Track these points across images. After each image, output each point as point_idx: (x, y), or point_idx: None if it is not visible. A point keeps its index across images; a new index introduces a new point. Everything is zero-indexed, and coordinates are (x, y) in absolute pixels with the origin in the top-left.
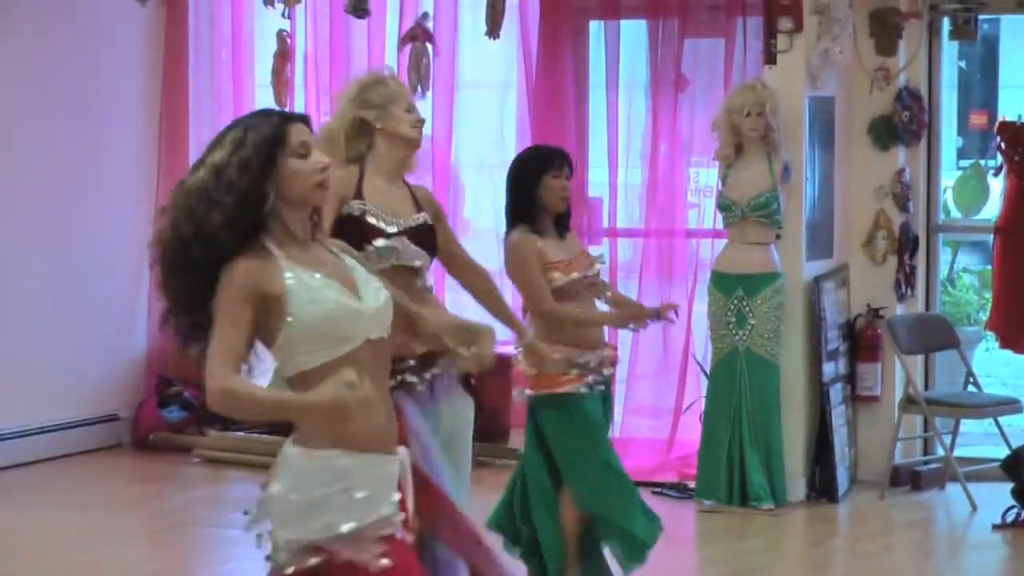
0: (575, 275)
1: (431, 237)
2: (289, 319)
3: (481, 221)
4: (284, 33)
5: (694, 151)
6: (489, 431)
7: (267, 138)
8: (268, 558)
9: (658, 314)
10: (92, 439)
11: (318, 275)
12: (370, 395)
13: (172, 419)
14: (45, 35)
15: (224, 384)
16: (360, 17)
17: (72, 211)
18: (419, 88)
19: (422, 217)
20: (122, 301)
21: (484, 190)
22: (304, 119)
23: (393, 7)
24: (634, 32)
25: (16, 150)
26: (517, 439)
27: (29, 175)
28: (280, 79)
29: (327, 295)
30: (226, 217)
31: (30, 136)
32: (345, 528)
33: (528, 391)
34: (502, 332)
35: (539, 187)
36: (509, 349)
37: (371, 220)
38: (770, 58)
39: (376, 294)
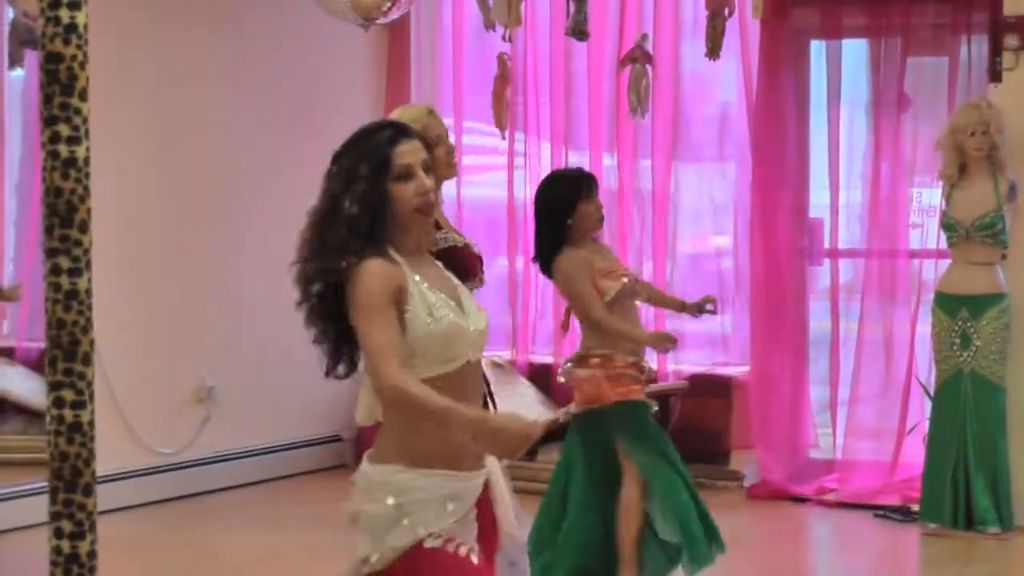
0: (624, 281)
1: (454, 254)
2: (405, 330)
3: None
4: (505, 56)
5: (917, 171)
6: (710, 453)
7: (375, 166)
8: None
9: (699, 308)
10: (316, 459)
11: (436, 290)
12: (534, 437)
13: None
14: (271, 59)
15: (398, 382)
16: (580, 39)
17: (295, 235)
18: (638, 110)
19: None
20: None
21: (704, 210)
22: (413, 135)
23: (613, 29)
24: (856, 51)
25: (240, 175)
26: (738, 460)
27: (254, 200)
28: (501, 101)
29: (443, 313)
30: (342, 242)
31: (253, 160)
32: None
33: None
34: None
35: (575, 215)
36: (729, 371)
37: None
38: (995, 76)
39: (479, 316)
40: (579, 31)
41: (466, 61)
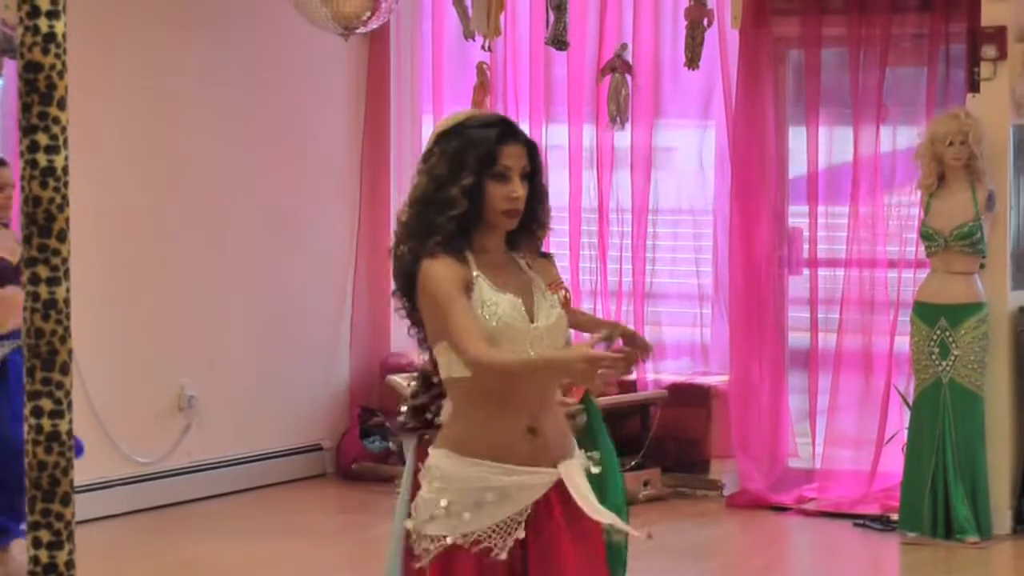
0: None
1: None
2: None
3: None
4: (484, 65)
5: (896, 180)
6: (689, 462)
7: (480, 159)
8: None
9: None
10: (296, 469)
11: (497, 287)
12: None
13: (374, 449)
14: (252, 69)
15: (483, 357)
16: (560, 49)
17: (277, 242)
18: (618, 119)
19: None
20: (325, 332)
21: (683, 219)
22: (521, 139)
23: (592, 39)
24: (835, 61)
25: (221, 184)
26: (718, 469)
27: (235, 209)
28: (480, 111)
29: (500, 310)
30: (450, 232)
31: (234, 169)
32: (449, 539)
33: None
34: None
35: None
36: (709, 379)
37: None
38: (974, 86)
39: (549, 312)
40: (559, 41)
41: (446, 70)
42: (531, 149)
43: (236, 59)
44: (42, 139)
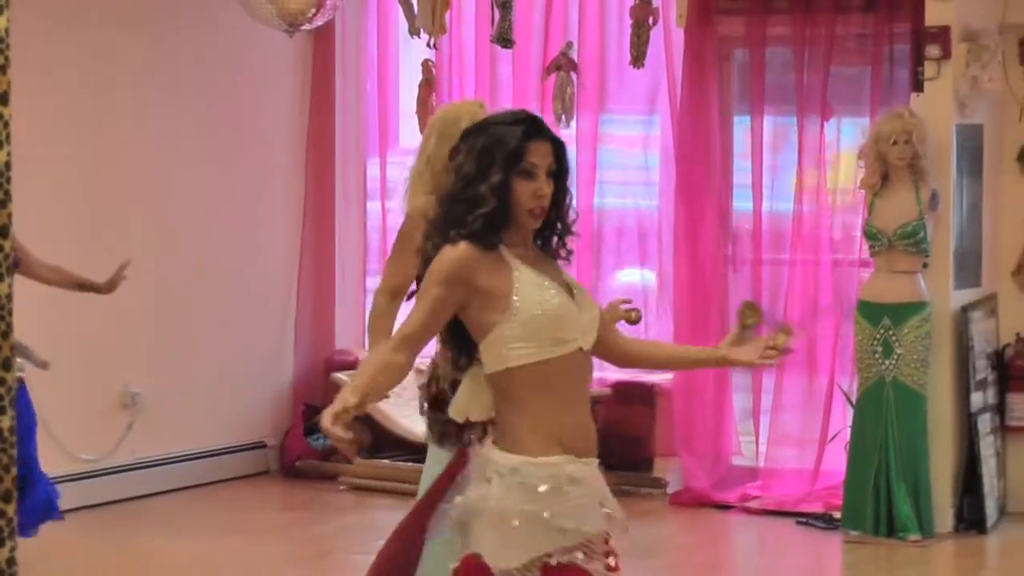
0: None
1: None
2: (512, 314)
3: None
4: (430, 63)
5: (840, 179)
6: (633, 460)
7: (506, 156)
8: None
9: None
10: (239, 466)
11: (542, 276)
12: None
13: (318, 447)
14: (196, 64)
15: (379, 349)
16: (505, 47)
17: (221, 239)
18: (563, 117)
19: None
20: (270, 330)
21: (628, 218)
22: (548, 136)
23: (538, 37)
24: (779, 60)
25: (166, 178)
26: (661, 467)
27: (179, 203)
28: (425, 108)
29: (551, 295)
30: (480, 230)
31: (179, 164)
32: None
33: None
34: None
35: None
36: (653, 378)
37: None
38: (918, 86)
39: (591, 307)
40: (504, 39)
41: (390, 67)
42: (557, 146)
43: (180, 55)
44: None
